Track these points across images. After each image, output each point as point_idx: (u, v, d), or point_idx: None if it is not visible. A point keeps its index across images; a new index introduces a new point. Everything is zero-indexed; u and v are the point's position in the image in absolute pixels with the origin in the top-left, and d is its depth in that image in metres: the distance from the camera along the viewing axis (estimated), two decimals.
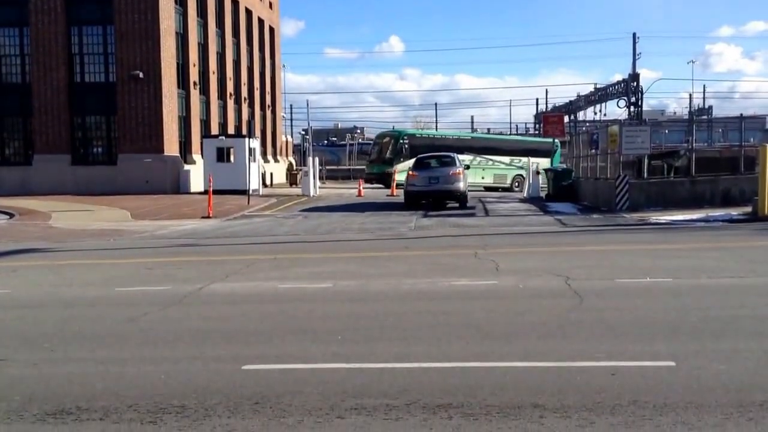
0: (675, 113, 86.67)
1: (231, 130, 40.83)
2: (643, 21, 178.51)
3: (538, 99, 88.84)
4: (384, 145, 40.32)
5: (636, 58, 52.57)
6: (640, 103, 46.86)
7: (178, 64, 35.01)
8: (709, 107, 69.06)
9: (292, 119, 73.21)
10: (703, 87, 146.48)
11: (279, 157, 51.86)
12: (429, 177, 24.03)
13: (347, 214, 23.04)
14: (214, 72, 39.26)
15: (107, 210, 25.02)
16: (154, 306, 8.22)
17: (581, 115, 60.18)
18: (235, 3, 43.22)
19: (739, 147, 24.75)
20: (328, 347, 6.19)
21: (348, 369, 5.53)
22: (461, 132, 55.95)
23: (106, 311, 8.13)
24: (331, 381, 5.23)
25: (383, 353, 5.98)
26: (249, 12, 45.76)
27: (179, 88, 35.14)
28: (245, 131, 35.22)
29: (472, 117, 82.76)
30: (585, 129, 43.99)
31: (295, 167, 47.44)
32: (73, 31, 33.81)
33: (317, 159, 36.07)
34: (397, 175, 33.92)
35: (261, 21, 48.58)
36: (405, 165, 32.22)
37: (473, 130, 68.14)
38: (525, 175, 34.49)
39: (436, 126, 71.07)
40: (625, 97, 47.09)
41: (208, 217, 22.25)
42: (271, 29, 51.15)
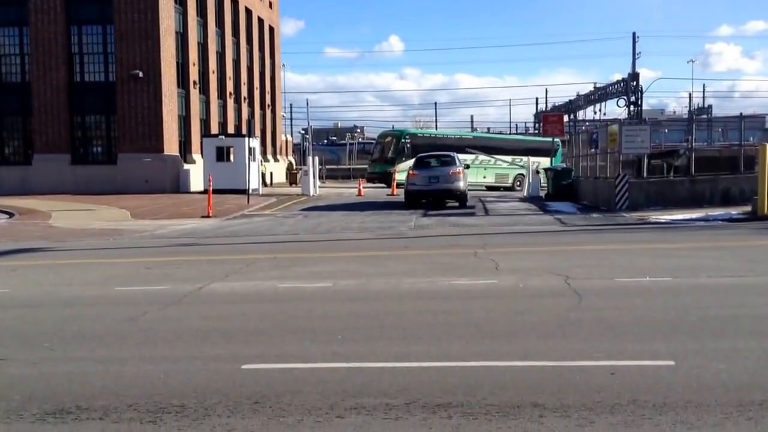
0: (675, 113, 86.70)
1: (231, 129, 40.85)
2: (643, 20, 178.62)
3: (537, 98, 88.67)
4: (386, 145, 40.31)
5: (636, 57, 52.64)
6: (639, 103, 46.92)
7: (177, 63, 35.02)
8: (709, 106, 68.99)
9: (291, 119, 73.17)
10: (703, 86, 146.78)
11: (279, 157, 51.86)
12: (429, 176, 24.06)
13: (347, 213, 23.05)
14: (213, 71, 39.27)
15: (107, 209, 25.02)
16: (153, 305, 8.22)
17: (581, 115, 60.25)
18: (235, 2, 43.22)
19: (739, 146, 24.75)
20: (327, 347, 6.19)
21: (348, 368, 5.53)
22: (463, 131, 55.96)
23: (105, 311, 8.13)
24: (331, 380, 5.23)
25: (383, 353, 5.98)
26: (249, 11, 45.77)
27: (179, 87, 35.14)
28: (245, 131, 35.22)
29: (471, 116, 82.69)
30: (585, 128, 43.99)
31: (295, 167, 47.44)
32: (73, 31, 33.83)
33: (317, 158, 36.08)
34: (398, 175, 33.91)
35: (261, 20, 48.58)
36: (406, 164, 32.21)
37: (473, 129, 68.14)
38: (526, 175, 34.51)
39: (435, 125, 71.08)
40: (625, 97, 47.14)
41: (207, 217, 22.25)
42: (271, 29, 51.15)
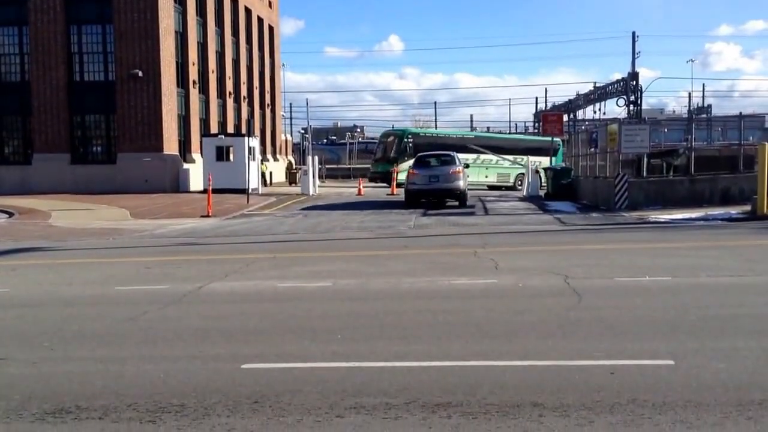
0: (674, 112, 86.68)
1: (230, 129, 40.86)
2: (643, 20, 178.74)
3: (537, 98, 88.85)
4: (388, 144, 40.33)
5: (635, 57, 52.69)
6: (639, 102, 46.97)
7: (177, 63, 35.01)
8: (709, 106, 68.98)
9: (291, 118, 73.13)
10: (703, 86, 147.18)
11: (278, 156, 51.87)
12: (429, 175, 24.09)
13: (347, 212, 23.05)
14: (213, 71, 39.26)
15: (107, 209, 25.02)
16: (153, 305, 8.23)
17: (581, 114, 60.36)
18: (235, 2, 43.22)
19: (739, 146, 24.75)
20: (327, 346, 6.19)
21: (347, 368, 5.54)
22: (465, 131, 55.98)
23: (105, 310, 8.13)
24: (331, 380, 5.23)
25: (383, 352, 5.98)
26: (248, 11, 45.75)
27: (178, 87, 35.13)
28: (245, 130, 35.21)
29: (471, 116, 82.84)
30: (584, 128, 44.02)
31: (295, 166, 47.45)
32: (73, 30, 33.82)
33: (316, 158, 36.09)
34: (400, 174, 33.91)
35: (260, 20, 48.57)
36: (408, 164, 32.25)
37: (472, 128, 68.18)
38: (526, 174, 34.51)
39: (435, 125, 71.09)
40: (625, 96, 47.19)
41: (207, 216, 22.25)
42: (271, 28, 51.15)
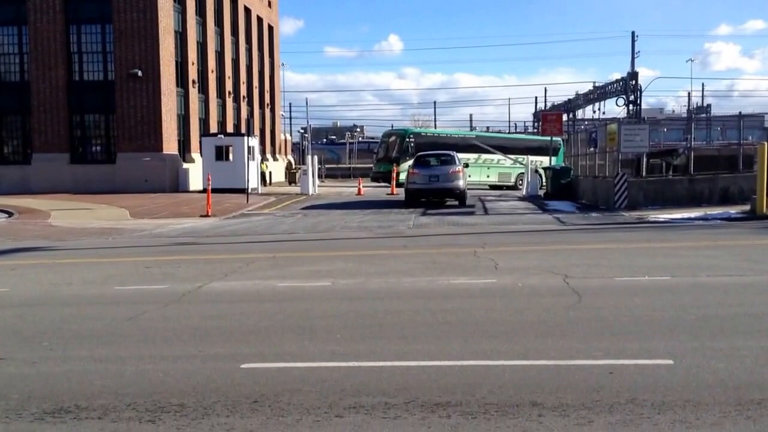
0: (674, 112, 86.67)
1: (230, 128, 40.86)
2: (642, 19, 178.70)
3: (536, 97, 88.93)
4: (390, 144, 40.36)
5: (635, 56, 52.71)
6: (638, 102, 46.95)
7: (176, 62, 35.00)
8: (708, 106, 68.97)
9: (291, 118, 73.11)
10: (702, 85, 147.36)
11: (278, 156, 51.87)
12: (429, 175, 24.15)
13: (346, 212, 23.05)
14: (212, 70, 39.25)
15: (106, 208, 25.01)
16: (152, 304, 8.23)
17: (580, 114, 60.30)
18: (234, 1, 43.21)
19: (738, 145, 24.79)
20: (326, 346, 6.19)
21: (346, 368, 5.53)
22: (466, 131, 56.01)
23: (105, 310, 8.14)
24: (330, 379, 5.23)
25: (382, 352, 5.98)
26: (248, 10, 45.74)
27: (178, 86, 35.12)
28: (244, 130, 35.21)
29: (470, 115, 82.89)
30: (584, 127, 44.04)
31: (294, 166, 47.43)
32: (72, 30, 33.82)
33: (316, 157, 36.05)
34: (400, 174, 33.91)
35: (260, 19, 48.56)
36: (409, 164, 32.24)
37: (472, 128, 68.20)
38: (526, 173, 34.50)
39: (435, 124, 71.11)
40: (624, 96, 47.18)
41: (206, 216, 22.25)
42: (270, 28, 51.13)
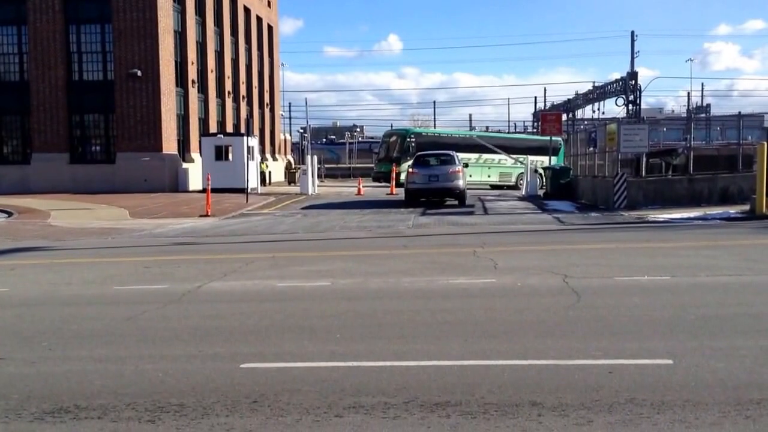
0: (673, 111, 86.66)
1: (229, 128, 40.86)
2: (642, 19, 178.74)
3: (536, 97, 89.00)
4: (391, 144, 40.42)
5: (634, 56, 52.74)
6: (638, 102, 47.01)
7: (176, 62, 34.99)
8: (707, 105, 68.97)
9: (290, 117, 73.11)
10: (702, 85, 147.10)
11: (278, 156, 51.86)
12: (429, 175, 24.18)
13: (346, 212, 23.05)
14: (212, 70, 39.24)
15: (106, 208, 25.01)
16: (152, 304, 8.23)
17: (579, 114, 60.33)
18: (234, 1, 43.20)
19: (737, 145, 24.76)
20: (326, 346, 6.19)
21: (346, 367, 5.54)
22: (467, 131, 56.06)
23: (104, 310, 8.13)
24: (329, 379, 5.23)
25: (381, 351, 5.98)
26: (247, 10, 45.73)
27: (177, 86, 35.12)
28: (244, 129, 35.20)
29: (470, 115, 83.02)
30: (583, 127, 44.05)
31: (294, 165, 47.42)
32: (72, 30, 33.82)
33: (315, 157, 36.05)
34: (401, 174, 33.92)
35: (259, 19, 48.54)
36: (410, 164, 32.24)
37: (471, 128, 68.23)
38: (526, 173, 34.48)
39: (434, 124, 71.14)
40: (624, 96, 47.23)
41: (206, 216, 22.25)
42: (270, 27, 51.12)
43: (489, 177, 40.02)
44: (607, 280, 9.24)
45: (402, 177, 32.07)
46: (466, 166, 26.16)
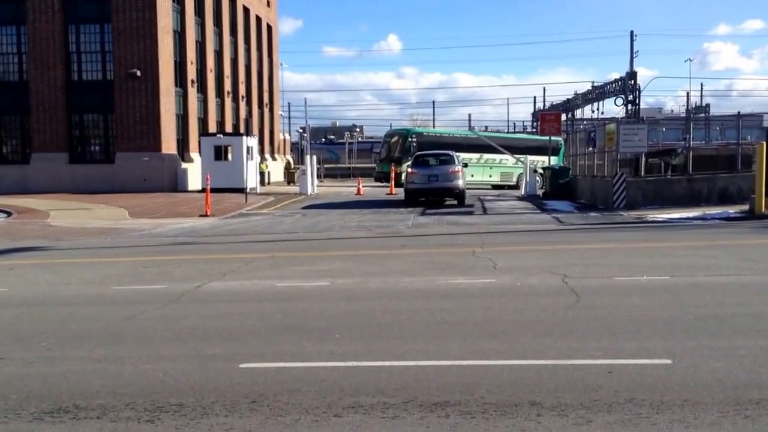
0: (672, 111, 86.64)
1: (229, 128, 40.84)
2: (641, 19, 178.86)
3: (535, 97, 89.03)
4: (392, 144, 40.46)
5: (633, 56, 52.74)
6: (637, 102, 47.08)
7: (175, 62, 34.98)
8: (707, 105, 68.97)
9: (290, 117, 73.05)
10: (701, 85, 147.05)
11: (277, 156, 51.86)
12: (428, 175, 24.20)
13: (345, 212, 23.05)
14: (211, 70, 39.24)
15: (105, 208, 25.00)
16: (151, 304, 8.23)
17: (579, 114, 60.41)
18: (233, 1, 43.19)
19: (737, 145, 24.75)
20: (325, 345, 6.19)
21: (345, 367, 5.54)
22: (468, 131, 56.10)
23: (103, 310, 8.13)
24: (328, 379, 5.23)
25: (380, 351, 5.98)
26: (247, 10, 45.72)
27: (177, 86, 35.11)
28: (243, 129, 35.21)
29: (469, 115, 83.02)
30: (582, 127, 44.07)
31: (293, 165, 47.42)
32: (71, 29, 33.81)
33: (315, 157, 36.04)
34: (402, 174, 33.92)
35: (259, 19, 48.54)
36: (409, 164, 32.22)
37: (470, 128, 68.24)
38: (525, 173, 34.48)
39: (433, 124, 71.13)
40: (623, 95, 47.30)
41: (205, 216, 22.24)
42: (269, 27, 51.12)
43: (490, 177, 40.10)
44: (607, 280, 9.24)
45: (402, 177, 32.09)
46: (466, 165, 26.18)
